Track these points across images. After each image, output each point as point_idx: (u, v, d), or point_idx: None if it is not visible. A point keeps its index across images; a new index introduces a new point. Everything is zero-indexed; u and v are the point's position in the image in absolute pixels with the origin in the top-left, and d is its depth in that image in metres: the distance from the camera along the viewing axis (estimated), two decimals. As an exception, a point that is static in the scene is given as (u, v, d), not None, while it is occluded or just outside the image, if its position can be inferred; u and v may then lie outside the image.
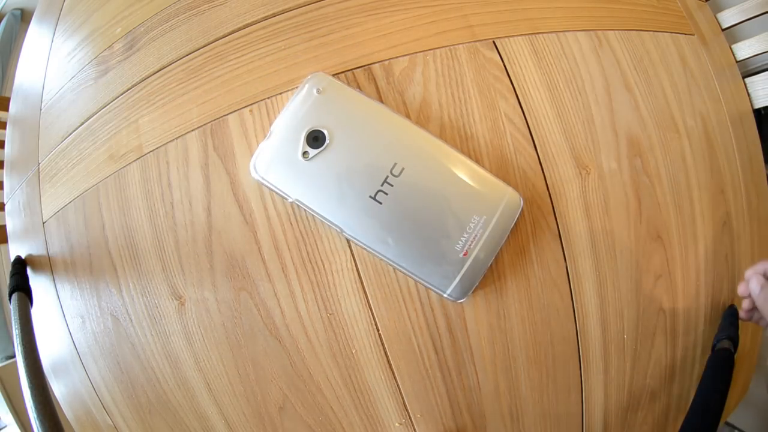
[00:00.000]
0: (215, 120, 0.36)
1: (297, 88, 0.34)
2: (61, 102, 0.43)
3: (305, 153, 0.32)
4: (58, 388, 0.43)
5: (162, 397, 0.38)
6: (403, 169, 0.32)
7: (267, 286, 0.35)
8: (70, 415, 0.43)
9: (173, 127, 0.37)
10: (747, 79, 0.46)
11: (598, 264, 0.37)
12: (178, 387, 0.38)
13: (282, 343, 0.35)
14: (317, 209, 0.32)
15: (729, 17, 0.47)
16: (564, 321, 0.37)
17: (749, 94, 0.46)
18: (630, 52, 0.39)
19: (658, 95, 0.39)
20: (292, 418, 0.36)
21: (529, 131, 0.36)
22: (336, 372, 0.36)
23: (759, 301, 0.33)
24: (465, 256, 0.32)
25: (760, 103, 0.46)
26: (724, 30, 0.47)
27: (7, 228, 0.46)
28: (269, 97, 0.35)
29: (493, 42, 0.37)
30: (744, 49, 0.46)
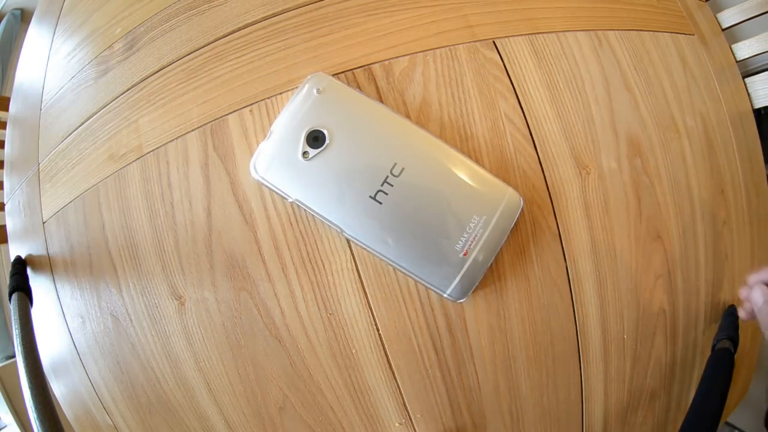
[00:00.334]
0: (215, 120, 0.36)
1: (297, 88, 0.34)
2: (61, 102, 0.43)
3: (305, 153, 0.32)
4: (58, 388, 0.43)
5: (162, 397, 0.38)
6: (403, 169, 0.32)
7: (267, 286, 0.35)
8: (70, 415, 0.43)
9: (173, 127, 0.37)
10: (747, 79, 0.46)
11: (598, 264, 0.37)
12: (178, 387, 0.38)
13: (282, 343, 0.35)
14: (317, 209, 0.32)
15: (729, 17, 0.47)
16: (564, 321, 0.37)
17: (749, 94, 0.46)
18: (630, 52, 0.39)
19: (658, 95, 0.39)
20: (292, 418, 0.36)
21: (529, 131, 0.36)
22: (336, 372, 0.36)
23: (761, 315, 0.32)
24: (465, 256, 0.32)
25: (759, 103, 0.46)
26: (724, 30, 0.47)
27: (7, 228, 0.46)
28: (269, 97, 0.35)
29: (493, 42, 0.37)
30: (744, 49, 0.46)
